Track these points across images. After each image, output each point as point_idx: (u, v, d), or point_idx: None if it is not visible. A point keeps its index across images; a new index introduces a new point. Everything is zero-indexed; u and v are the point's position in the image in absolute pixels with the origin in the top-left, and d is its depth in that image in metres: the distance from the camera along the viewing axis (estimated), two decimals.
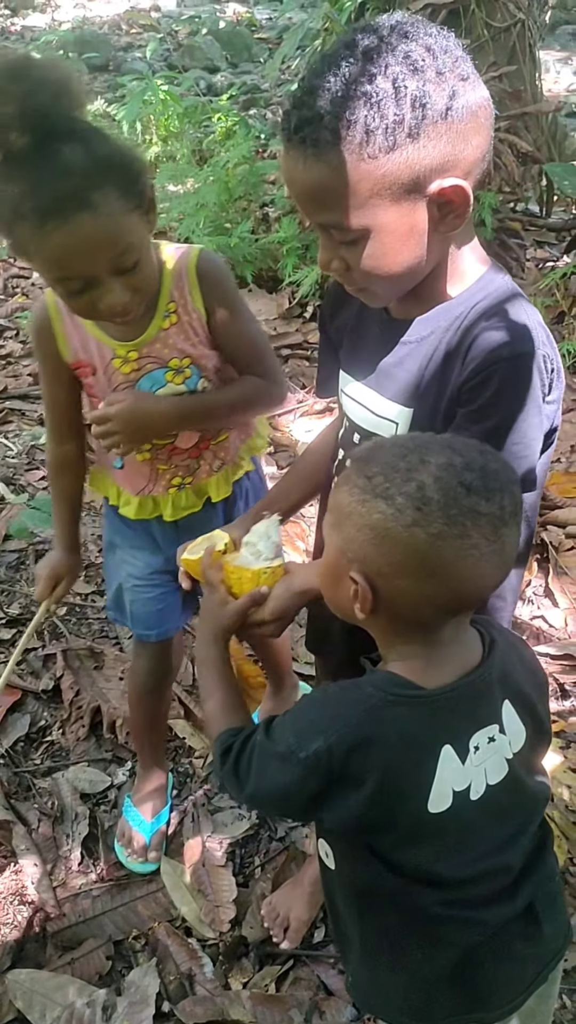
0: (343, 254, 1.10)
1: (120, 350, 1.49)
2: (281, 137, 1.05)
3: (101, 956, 1.78)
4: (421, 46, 0.99)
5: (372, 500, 0.95)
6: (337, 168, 1.00)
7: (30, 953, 1.80)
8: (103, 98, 7.00)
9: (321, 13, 4.88)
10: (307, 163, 1.02)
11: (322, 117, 0.98)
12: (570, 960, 1.73)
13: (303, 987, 1.73)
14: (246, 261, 4.10)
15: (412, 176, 1.02)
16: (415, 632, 1.01)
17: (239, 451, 1.71)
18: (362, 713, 0.99)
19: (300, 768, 0.98)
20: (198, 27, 9.34)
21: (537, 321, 1.14)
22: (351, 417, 1.31)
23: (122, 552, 1.77)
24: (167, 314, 1.48)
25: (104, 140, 1.30)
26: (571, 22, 9.59)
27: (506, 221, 4.22)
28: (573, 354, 3.54)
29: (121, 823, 2.01)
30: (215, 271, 1.52)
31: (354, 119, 0.97)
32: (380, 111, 0.97)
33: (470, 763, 1.01)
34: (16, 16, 10.61)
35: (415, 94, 0.98)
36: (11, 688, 2.34)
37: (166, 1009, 1.69)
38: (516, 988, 1.10)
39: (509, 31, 4.63)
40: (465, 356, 1.13)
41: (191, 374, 1.53)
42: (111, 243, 1.28)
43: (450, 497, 0.92)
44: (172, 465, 1.62)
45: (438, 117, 1.00)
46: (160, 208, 4.46)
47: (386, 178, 1.01)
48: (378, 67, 0.97)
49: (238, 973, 1.76)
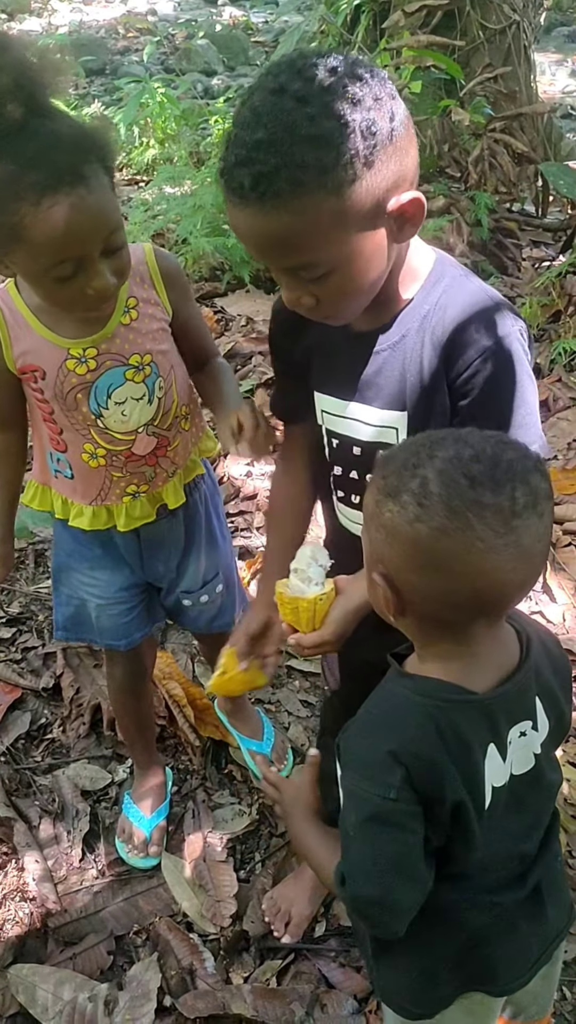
0: (312, 290, 1.10)
1: (75, 350, 1.43)
2: (230, 198, 1.03)
3: (103, 951, 1.79)
4: (350, 77, 1.00)
5: (384, 500, 0.95)
6: (302, 213, 1.00)
7: (32, 948, 1.81)
8: (100, 101, 7.03)
9: (317, 16, 4.90)
10: (269, 216, 1.01)
11: (277, 169, 0.97)
12: (570, 951, 1.74)
13: (304, 981, 1.74)
14: (244, 261, 4.12)
15: (373, 202, 1.03)
16: (445, 633, 1.00)
17: (190, 454, 1.67)
18: (419, 725, 0.97)
19: (400, 813, 0.95)
20: (195, 31, 9.36)
21: (500, 296, 1.17)
22: (343, 434, 1.30)
23: (79, 575, 1.71)
24: (127, 310, 1.45)
25: (75, 119, 1.29)
26: (567, 24, 9.63)
27: (502, 221, 4.24)
28: (570, 352, 3.55)
29: (121, 820, 2.01)
30: (173, 265, 1.52)
31: (310, 163, 0.97)
32: (334, 149, 0.97)
33: (508, 759, 1.02)
34: (12, 20, 10.61)
35: (362, 126, 0.99)
36: (12, 686, 2.35)
37: (167, 1003, 1.69)
38: (521, 967, 1.12)
39: (504, 33, 4.65)
40: (448, 349, 1.15)
41: (151, 372, 1.49)
42: (107, 219, 1.26)
43: (451, 490, 0.90)
44: (127, 472, 1.56)
45: (386, 140, 1.01)
46: (157, 210, 4.51)
47: (351, 210, 1.02)
48: (318, 108, 0.97)
49: (239, 967, 1.77)
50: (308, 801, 1.22)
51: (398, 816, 0.96)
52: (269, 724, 2.20)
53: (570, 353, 3.55)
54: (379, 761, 0.96)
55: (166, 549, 1.70)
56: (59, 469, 1.58)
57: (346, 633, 1.25)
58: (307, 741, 2.20)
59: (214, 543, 1.76)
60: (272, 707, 2.30)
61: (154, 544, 1.68)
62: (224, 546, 1.81)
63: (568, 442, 3.22)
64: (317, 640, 1.24)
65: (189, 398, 1.63)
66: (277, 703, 2.32)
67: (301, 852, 1.25)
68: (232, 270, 4.17)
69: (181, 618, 1.88)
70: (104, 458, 1.53)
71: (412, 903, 0.99)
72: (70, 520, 1.62)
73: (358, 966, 1.75)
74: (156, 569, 1.73)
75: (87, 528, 1.61)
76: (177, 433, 1.60)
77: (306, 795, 1.23)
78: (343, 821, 1.01)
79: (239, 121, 1.01)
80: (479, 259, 4.03)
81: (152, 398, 1.51)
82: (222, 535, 1.79)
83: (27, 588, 2.70)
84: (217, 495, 1.79)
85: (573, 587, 2.63)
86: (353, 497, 1.35)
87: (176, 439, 1.60)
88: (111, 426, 1.50)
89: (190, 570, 1.75)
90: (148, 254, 1.49)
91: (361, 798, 0.97)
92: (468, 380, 1.14)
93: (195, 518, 1.71)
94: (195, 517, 1.71)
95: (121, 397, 1.48)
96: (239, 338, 3.86)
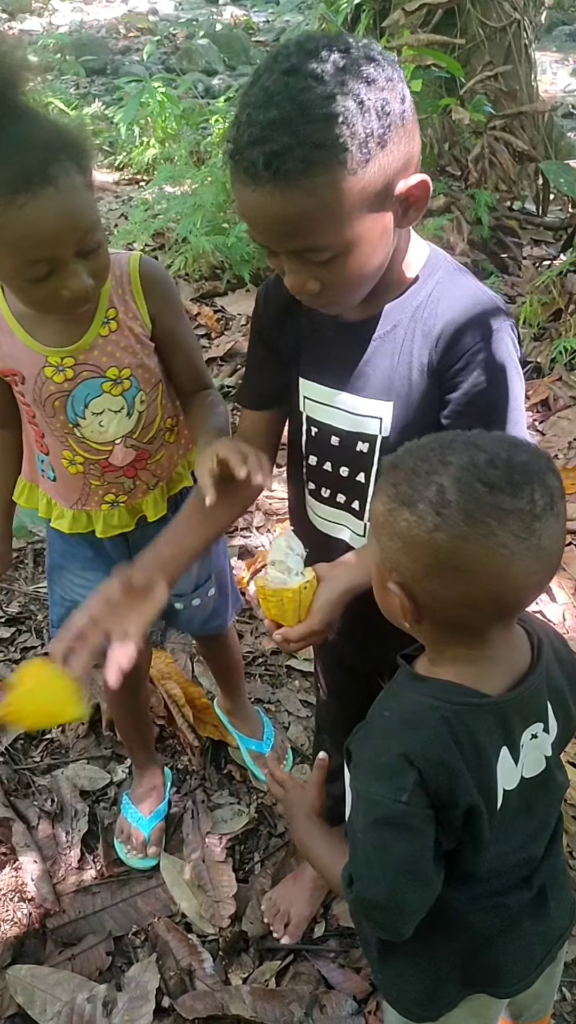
0: (317, 274, 1.08)
1: (53, 358, 1.41)
2: (241, 178, 1.01)
3: (101, 952, 1.78)
4: (364, 58, 1.00)
5: (398, 508, 0.93)
6: (318, 193, 0.99)
7: (30, 949, 1.80)
8: (101, 101, 7.04)
9: (317, 15, 4.90)
10: (284, 195, 0.99)
11: (292, 148, 0.96)
12: (571, 952, 1.73)
13: (303, 982, 1.73)
14: (244, 260, 4.12)
15: (384, 183, 1.02)
16: (463, 637, 0.99)
17: (176, 466, 1.64)
18: (433, 728, 0.96)
19: (411, 816, 0.94)
20: (195, 30, 9.37)
21: (491, 292, 1.18)
22: (324, 422, 1.29)
23: (71, 575, 1.70)
24: (106, 320, 1.42)
25: (48, 118, 1.25)
26: (567, 23, 9.63)
27: (503, 220, 4.24)
28: (570, 351, 3.55)
29: (120, 820, 2.01)
30: (158, 275, 1.47)
31: (325, 141, 0.96)
32: (350, 128, 0.97)
33: (520, 762, 1.02)
34: (13, 20, 10.62)
35: (377, 105, 0.98)
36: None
37: (166, 1004, 1.68)
38: (526, 968, 1.12)
39: (505, 31, 4.65)
40: (439, 342, 1.15)
41: (130, 385, 1.46)
42: (80, 218, 1.23)
43: (470, 497, 0.88)
44: (105, 482, 1.54)
45: (399, 121, 1.01)
46: (158, 209, 4.51)
47: (365, 191, 1.01)
48: (333, 87, 0.96)
49: (238, 968, 1.76)
50: (314, 803, 1.22)
51: (409, 819, 0.95)
52: (269, 724, 2.20)
53: (570, 352, 3.54)
54: (392, 764, 0.95)
55: None
56: (44, 470, 1.58)
57: (333, 620, 1.24)
58: (307, 741, 2.20)
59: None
60: (272, 707, 2.30)
61: (143, 548, 1.66)
62: (216, 549, 1.79)
63: (568, 441, 3.21)
64: (305, 630, 1.23)
65: (176, 411, 1.59)
66: (277, 703, 2.32)
67: (305, 853, 1.24)
68: (232, 269, 4.17)
69: (174, 621, 1.87)
70: (82, 465, 1.51)
71: (420, 906, 0.98)
72: (52, 521, 1.62)
73: (357, 967, 1.74)
74: None
75: (67, 531, 1.60)
76: (160, 446, 1.57)
77: (312, 797, 1.22)
78: (352, 823, 1.01)
79: (249, 101, 0.99)
80: (479, 258, 4.03)
81: (131, 411, 1.48)
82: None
83: (26, 588, 2.69)
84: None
85: (573, 587, 2.62)
86: (323, 491, 1.34)
87: (159, 452, 1.57)
88: (88, 436, 1.48)
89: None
90: (133, 262, 1.45)
91: (372, 801, 0.97)
92: (458, 373, 1.14)
93: None
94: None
95: (98, 408, 1.46)
96: (239, 337, 3.85)
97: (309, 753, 2.15)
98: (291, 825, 1.25)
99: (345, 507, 1.33)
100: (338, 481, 1.31)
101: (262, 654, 2.44)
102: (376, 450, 1.24)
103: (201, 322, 3.94)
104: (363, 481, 1.27)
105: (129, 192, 5.55)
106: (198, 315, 3.96)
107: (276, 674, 2.40)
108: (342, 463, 1.29)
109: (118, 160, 6.02)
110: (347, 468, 1.29)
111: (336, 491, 1.33)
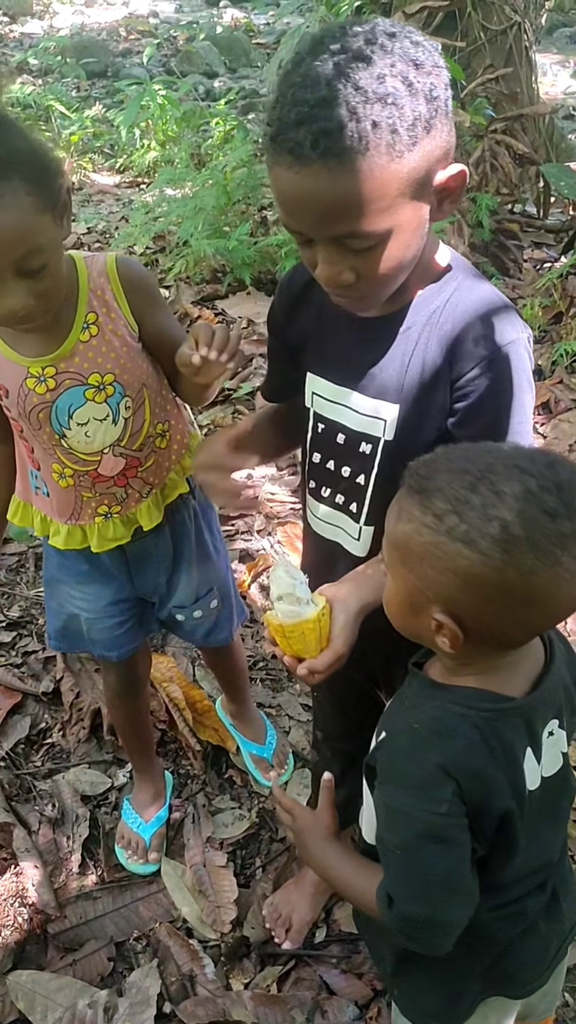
0: (353, 264, 1.06)
1: (34, 368, 1.39)
2: (285, 160, 0.99)
3: (102, 957, 1.78)
4: (411, 43, 0.99)
5: (451, 543, 0.89)
6: (367, 174, 0.97)
7: (31, 955, 1.80)
8: (101, 104, 7.04)
9: (317, 17, 4.90)
10: (332, 176, 0.97)
11: (342, 127, 0.94)
12: (572, 957, 1.73)
13: (305, 987, 1.73)
14: (245, 264, 4.11)
15: (426, 170, 1.02)
16: (501, 651, 0.99)
17: (170, 473, 1.61)
18: (467, 736, 0.96)
19: (450, 828, 0.94)
20: (196, 32, 9.36)
21: (509, 302, 1.17)
22: (330, 419, 1.28)
23: (67, 588, 1.69)
24: (86, 325, 1.40)
25: (19, 134, 1.23)
26: (568, 25, 9.63)
27: (504, 222, 4.23)
28: (571, 354, 3.54)
29: (120, 826, 2.01)
30: (136, 273, 1.46)
31: (379, 121, 0.95)
32: (399, 110, 0.96)
33: (541, 760, 1.02)
34: (14, 23, 10.63)
35: (425, 89, 0.98)
36: (12, 690, 2.34)
37: (167, 1010, 1.69)
38: (541, 966, 1.13)
39: (505, 33, 4.64)
40: (454, 348, 1.14)
41: (113, 391, 1.44)
42: (19, 239, 1.20)
43: (536, 530, 0.87)
44: (96, 493, 1.53)
45: (443, 107, 1.01)
46: (159, 212, 4.51)
47: (410, 175, 1.00)
48: (383, 68, 0.96)
49: (239, 973, 1.76)
50: (329, 826, 1.19)
51: (448, 831, 0.94)
52: (272, 728, 2.19)
53: (571, 355, 3.54)
54: (428, 776, 0.95)
55: (154, 565, 1.68)
56: (38, 486, 1.57)
57: (354, 641, 1.20)
58: (307, 745, 2.19)
59: (207, 558, 1.72)
60: (273, 711, 2.30)
61: (141, 560, 1.66)
62: (219, 561, 1.77)
63: (569, 444, 3.21)
64: (331, 658, 1.17)
65: (167, 415, 1.57)
66: (278, 707, 2.31)
67: (328, 878, 1.20)
68: (233, 272, 4.17)
69: (177, 631, 1.87)
70: (72, 478, 1.50)
71: (462, 919, 0.98)
72: (50, 538, 1.61)
73: (359, 972, 1.74)
74: (146, 584, 1.71)
75: (62, 547, 1.59)
76: (151, 453, 1.55)
77: (326, 820, 1.20)
78: (385, 840, 1.00)
79: (294, 82, 0.98)
80: (480, 260, 4.02)
81: (117, 418, 1.47)
82: (215, 550, 1.75)
83: (27, 592, 2.69)
84: (210, 509, 1.75)
85: None
86: (324, 490, 1.33)
87: (149, 459, 1.55)
88: (75, 446, 1.47)
89: (181, 585, 1.72)
90: (110, 264, 1.43)
91: (409, 815, 0.96)
92: (471, 382, 1.13)
93: (184, 534, 1.68)
94: (184, 533, 1.68)
95: (83, 418, 1.44)
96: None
97: (310, 757, 2.14)
98: (305, 852, 1.22)
99: (343, 508, 1.32)
100: (339, 481, 1.30)
101: (263, 658, 2.44)
102: (378, 452, 1.23)
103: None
104: (362, 483, 1.27)
105: (130, 195, 5.55)
106: (199, 318, 3.96)
107: (277, 678, 2.40)
108: (344, 463, 1.28)
109: (119, 163, 6.03)
110: (349, 468, 1.28)
111: (336, 491, 1.32)
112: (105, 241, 4.81)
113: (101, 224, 5.02)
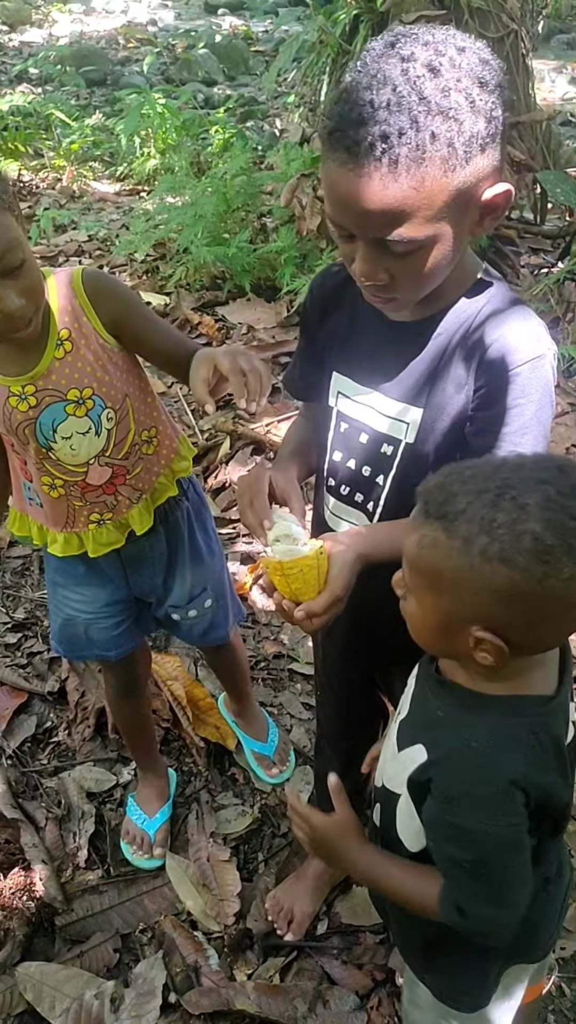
0: (390, 265, 1.07)
1: (15, 387, 1.41)
2: (340, 157, 1.00)
3: (109, 949, 1.82)
4: (479, 60, 1.00)
5: (485, 564, 0.89)
6: (418, 183, 0.98)
7: (39, 947, 1.84)
8: (101, 112, 7.08)
9: (315, 25, 4.94)
10: (384, 180, 0.98)
11: (402, 133, 0.95)
12: (567, 948, 1.77)
13: (307, 977, 1.77)
14: (244, 271, 4.15)
15: (475, 184, 1.03)
16: (538, 654, 1.01)
17: (159, 477, 1.63)
18: (528, 746, 0.97)
19: (522, 834, 0.97)
20: (195, 41, 9.41)
21: (540, 321, 1.18)
22: (355, 419, 1.30)
23: (65, 591, 1.72)
24: (59, 343, 1.41)
25: None
26: (565, 31, 9.67)
27: (501, 229, 4.26)
28: (568, 359, 3.58)
29: (125, 822, 2.05)
30: (101, 283, 1.45)
31: (438, 134, 0.96)
32: (459, 125, 0.97)
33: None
34: (14, 32, 10.69)
35: (487, 108, 1.00)
36: (18, 690, 2.38)
37: (173, 1000, 1.72)
38: (552, 924, 1.17)
39: (502, 42, 4.67)
40: (479, 359, 1.15)
41: (93, 405, 1.45)
42: None
43: (568, 535, 0.87)
44: (87, 502, 1.55)
45: (500, 129, 1.02)
46: (159, 219, 4.55)
47: (460, 190, 1.01)
48: (449, 81, 0.97)
49: (243, 965, 1.80)
50: (358, 828, 1.17)
51: (521, 836, 0.97)
52: (274, 726, 2.23)
53: (568, 359, 3.58)
54: (501, 792, 0.95)
55: (149, 566, 1.70)
56: (32, 497, 1.60)
57: (351, 585, 1.19)
58: (308, 743, 2.23)
59: (199, 559, 1.75)
60: (274, 710, 2.33)
61: (136, 562, 1.69)
62: (212, 561, 1.79)
63: (566, 447, 3.25)
64: (329, 599, 1.16)
65: (152, 422, 1.58)
66: (279, 706, 2.35)
67: (371, 880, 1.17)
68: (233, 279, 4.21)
69: (174, 630, 1.90)
70: (62, 488, 1.53)
71: (526, 906, 1.01)
72: (48, 547, 1.64)
73: (360, 963, 1.78)
74: (142, 585, 1.73)
75: (60, 555, 1.62)
76: (138, 460, 1.57)
77: (352, 824, 1.17)
78: (452, 856, 1.00)
79: (360, 81, 0.99)
80: None
81: (99, 430, 1.48)
82: (209, 550, 1.78)
83: (32, 594, 2.73)
84: (204, 510, 1.78)
85: None
86: (343, 488, 1.35)
87: (137, 466, 1.57)
88: (62, 459, 1.49)
89: (176, 586, 1.74)
90: (76, 279, 1.43)
91: (484, 833, 0.96)
92: (493, 393, 1.15)
93: (178, 536, 1.71)
94: (178, 534, 1.71)
95: (66, 432, 1.46)
96: (240, 346, 3.89)
97: (311, 755, 2.18)
98: (339, 857, 1.18)
99: (360, 506, 1.34)
100: (359, 480, 1.32)
101: (264, 658, 2.48)
102: (399, 454, 1.25)
103: (202, 331, 3.98)
104: (381, 483, 1.29)
105: (130, 203, 5.60)
106: (199, 324, 4.00)
107: (278, 678, 2.44)
108: (365, 462, 1.30)
109: (119, 171, 6.07)
110: (369, 468, 1.30)
111: (355, 490, 1.34)
112: (106, 249, 4.85)
113: (102, 232, 5.06)
